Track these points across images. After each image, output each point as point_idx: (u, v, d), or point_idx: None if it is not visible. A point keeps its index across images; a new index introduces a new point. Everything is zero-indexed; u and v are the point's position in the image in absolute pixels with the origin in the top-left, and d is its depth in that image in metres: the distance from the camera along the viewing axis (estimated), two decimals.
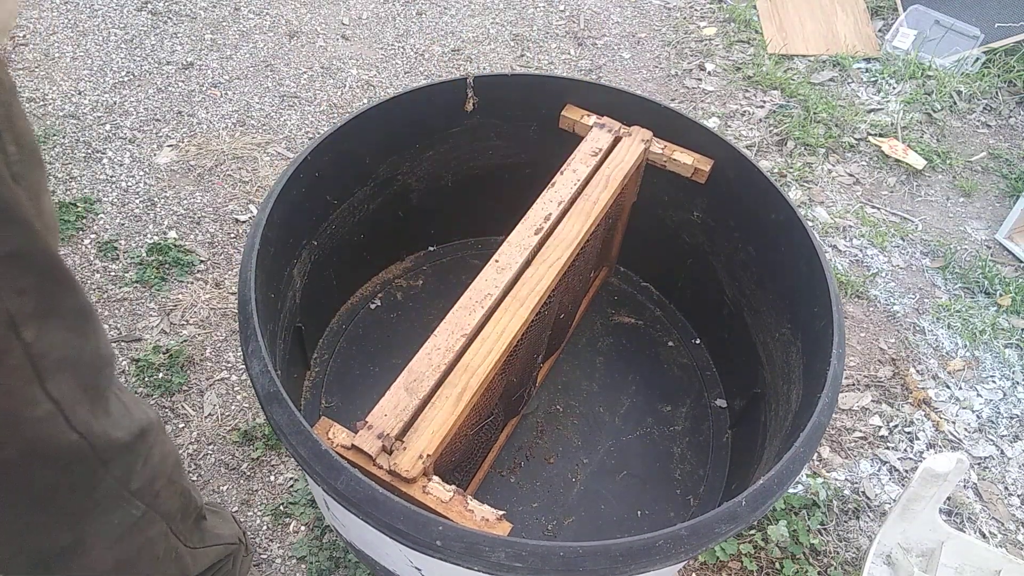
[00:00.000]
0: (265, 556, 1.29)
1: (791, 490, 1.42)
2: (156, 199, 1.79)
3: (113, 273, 1.64)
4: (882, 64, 2.32)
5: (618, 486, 1.19)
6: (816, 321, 0.96)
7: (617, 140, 1.14)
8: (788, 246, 1.05)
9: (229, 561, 1.15)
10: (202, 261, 1.68)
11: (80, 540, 0.71)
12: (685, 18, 2.49)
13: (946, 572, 1.26)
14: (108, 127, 1.94)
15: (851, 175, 2.04)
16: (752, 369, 1.20)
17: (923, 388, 1.62)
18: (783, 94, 2.21)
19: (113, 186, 1.81)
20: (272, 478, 1.37)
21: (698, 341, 1.38)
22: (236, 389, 1.48)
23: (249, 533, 1.29)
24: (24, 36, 2.15)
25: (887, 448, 1.51)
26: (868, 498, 1.44)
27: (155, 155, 1.90)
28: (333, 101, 2.09)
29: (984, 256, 1.87)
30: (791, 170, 2.02)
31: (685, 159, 1.15)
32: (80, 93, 2.01)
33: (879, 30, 2.45)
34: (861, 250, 1.87)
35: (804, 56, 2.35)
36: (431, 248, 1.45)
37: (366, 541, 0.88)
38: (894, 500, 1.42)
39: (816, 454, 1.50)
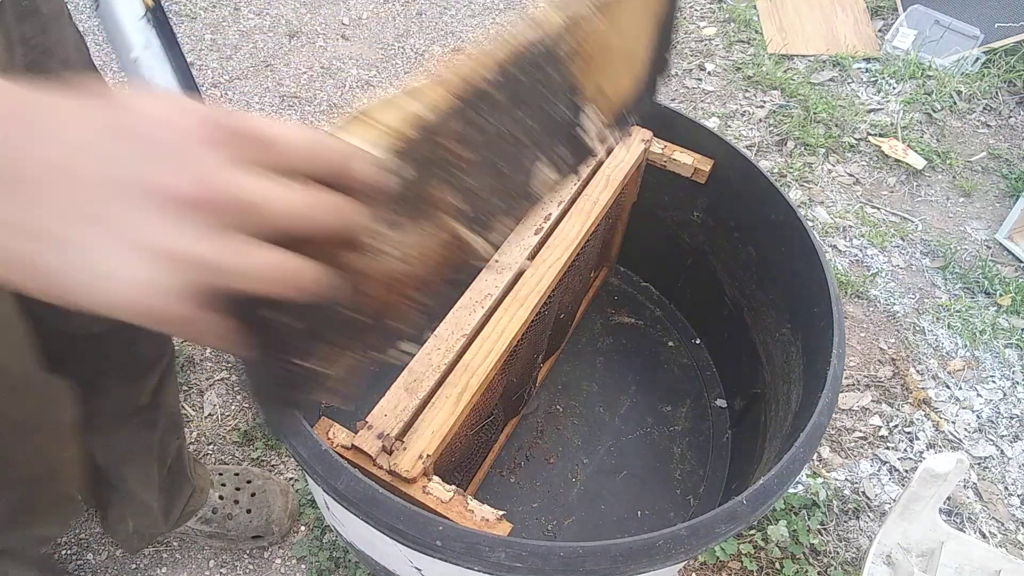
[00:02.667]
0: (265, 556, 1.29)
1: (791, 490, 1.42)
2: None
3: None
4: (882, 64, 2.32)
5: (618, 486, 1.19)
6: (816, 321, 0.96)
7: None
8: (788, 246, 1.05)
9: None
10: None
11: None
12: (685, 18, 2.49)
13: (946, 572, 1.26)
14: None
15: (851, 175, 2.04)
16: (752, 369, 1.20)
17: (923, 388, 1.62)
18: (783, 94, 2.21)
19: None
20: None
21: (698, 341, 1.38)
22: (236, 389, 1.48)
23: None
24: None
25: (887, 448, 1.51)
26: (868, 498, 1.44)
27: None
28: (333, 101, 2.09)
29: (984, 256, 1.87)
30: (791, 170, 2.02)
31: (685, 159, 1.15)
32: None
33: (879, 30, 2.45)
34: (861, 250, 1.87)
35: (804, 56, 2.35)
36: None
37: (366, 541, 0.88)
38: (894, 500, 1.42)
39: (816, 454, 1.50)
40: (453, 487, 0.75)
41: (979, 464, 1.51)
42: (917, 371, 1.65)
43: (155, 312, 0.29)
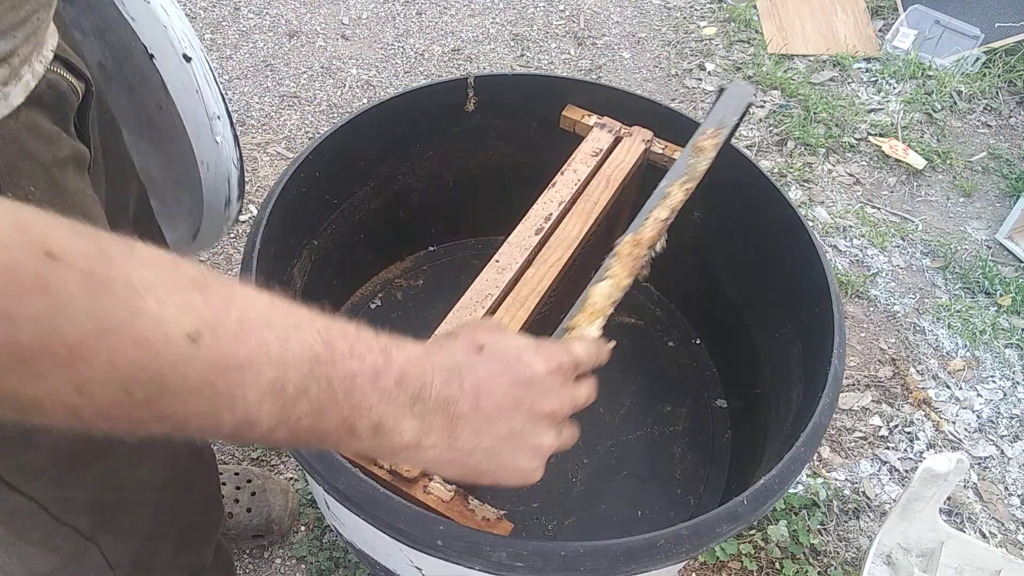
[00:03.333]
0: (265, 556, 1.29)
1: (791, 490, 1.43)
2: None
3: None
4: (882, 64, 2.32)
5: (618, 486, 1.19)
6: (816, 321, 0.96)
7: (618, 140, 1.14)
8: (788, 246, 1.05)
9: None
10: (202, 261, 1.68)
11: None
12: (685, 18, 2.49)
13: (946, 572, 1.26)
14: None
15: (851, 175, 2.04)
16: (752, 369, 1.20)
17: (923, 388, 1.62)
18: (783, 94, 2.21)
19: None
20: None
21: (698, 341, 1.38)
22: None
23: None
24: None
25: (887, 448, 1.52)
26: (868, 498, 1.44)
27: None
28: (333, 101, 2.09)
29: (984, 256, 1.88)
30: (791, 170, 2.02)
31: None
32: None
33: (879, 30, 2.45)
34: (861, 250, 1.87)
35: (804, 56, 2.35)
36: (431, 248, 1.45)
37: (366, 541, 0.88)
38: (894, 500, 1.42)
39: (816, 454, 1.50)
40: (454, 487, 0.75)
41: (979, 464, 1.52)
42: (917, 371, 1.65)
43: (537, 481, 0.52)
